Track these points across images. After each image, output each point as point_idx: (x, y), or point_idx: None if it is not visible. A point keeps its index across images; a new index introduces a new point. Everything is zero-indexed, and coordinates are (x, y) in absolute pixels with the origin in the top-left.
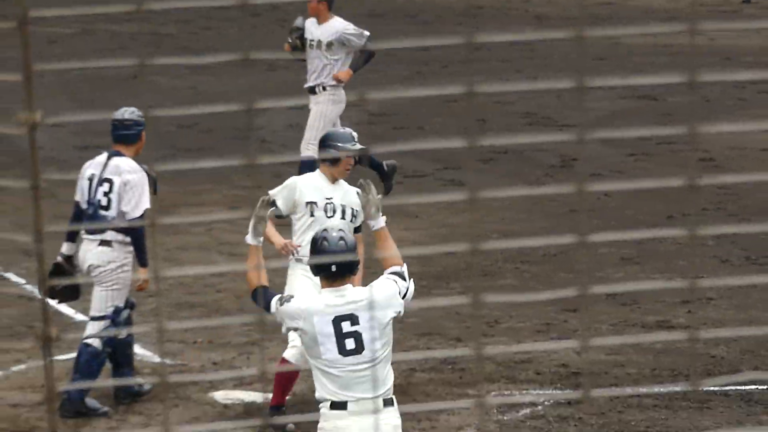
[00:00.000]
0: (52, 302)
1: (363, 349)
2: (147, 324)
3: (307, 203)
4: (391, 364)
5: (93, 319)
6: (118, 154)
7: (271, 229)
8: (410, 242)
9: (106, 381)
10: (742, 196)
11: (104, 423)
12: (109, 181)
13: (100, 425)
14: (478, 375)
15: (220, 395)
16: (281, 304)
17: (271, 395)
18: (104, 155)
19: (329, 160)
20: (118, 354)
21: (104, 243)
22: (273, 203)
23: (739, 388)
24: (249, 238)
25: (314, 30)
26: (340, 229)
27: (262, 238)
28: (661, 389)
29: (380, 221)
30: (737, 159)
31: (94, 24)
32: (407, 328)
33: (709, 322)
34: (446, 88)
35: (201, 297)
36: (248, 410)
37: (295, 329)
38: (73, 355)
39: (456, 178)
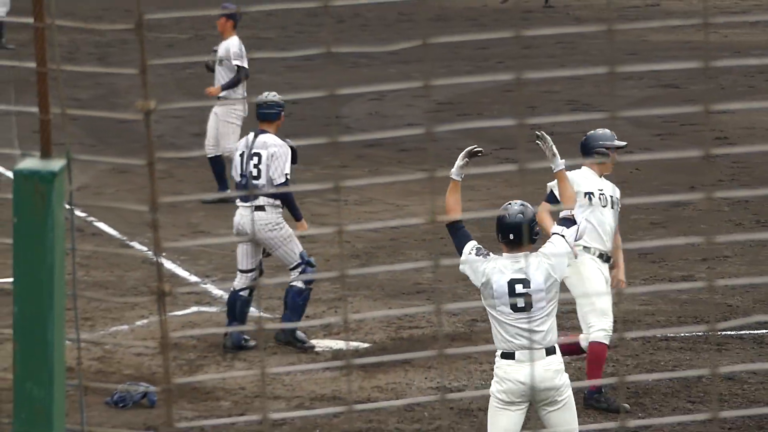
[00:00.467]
0: None
1: (531, 307)
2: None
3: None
4: (456, 315)
5: (291, 269)
6: (263, 132)
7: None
8: (472, 209)
9: (220, 328)
10: (752, 168)
11: (214, 368)
12: (258, 155)
13: (210, 370)
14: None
15: (313, 344)
16: (471, 253)
17: (356, 343)
18: (251, 134)
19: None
20: (237, 309)
21: (258, 208)
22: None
23: (751, 332)
24: (453, 173)
25: (219, 46)
26: (522, 204)
27: (462, 176)
28: (686, 333)
29: (559, 164)
30: (748, 137)
31: (204, 30)
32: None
33: (725, 275)
34: (499, 76)
35: None
36: (336, 356)
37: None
38: (187, 311)
39: (510, 156)
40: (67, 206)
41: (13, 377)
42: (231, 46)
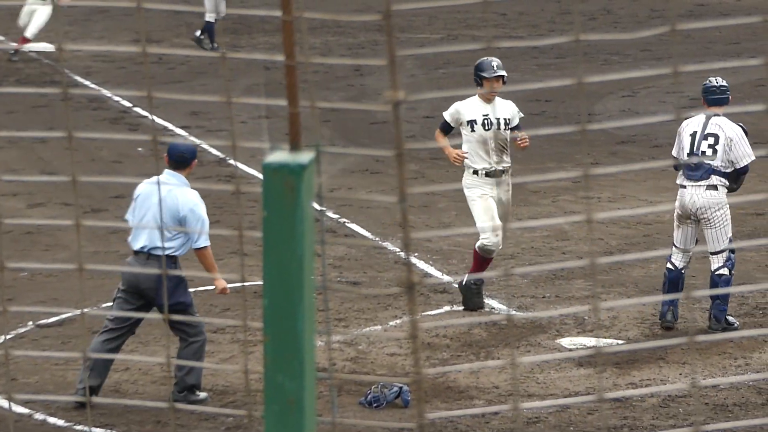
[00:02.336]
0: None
1: None
2: (498, 278)
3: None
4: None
5: (714, 253)
6: (716, 114)
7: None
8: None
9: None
10: None
11: (467, 361)
12: (714, 135)
13: (460, 361)
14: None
15: (566, 341)
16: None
17: (609, 340)
18: (702, 116)
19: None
20: (678, 287)
21: (711, 187)
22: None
23: None
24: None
25: None
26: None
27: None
28: None
29: None
30: None
31: (456, 30)
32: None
33: None
34: (751, 70)
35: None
36: (592, 353)
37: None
38: (440, 311)
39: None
40: (316, 203)
41: (264, 370)
42: None
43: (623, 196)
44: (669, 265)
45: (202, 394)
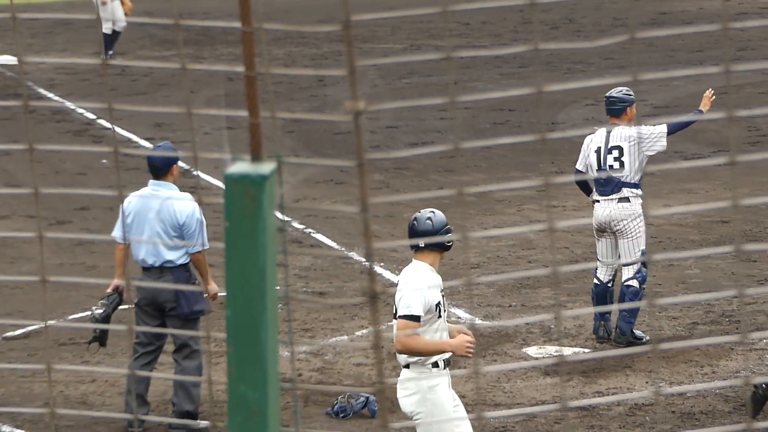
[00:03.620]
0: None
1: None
2: (458, 287)
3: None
4: (677, 318)
5: (625, 265)
6: (616, 125)
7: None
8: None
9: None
10: None
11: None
12: (618, 148)
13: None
14: (749, 325)
15: (532, 350)
16: None
17: (575, 349)
18: (603, 130)
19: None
20: (606, 300)
21: (623, 200)
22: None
23: None
24: None
25: None
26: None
27: None
28: None
29: None
30: None
31: (420, 40)
32: (691, 287)
33: None
34: (712, 78)
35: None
36: (557, 362)
37: None
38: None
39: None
40: (280, 213)
41: (228, 381)
42: None
43: (587, 204)
44: (595, 280)
45: (203, 423)
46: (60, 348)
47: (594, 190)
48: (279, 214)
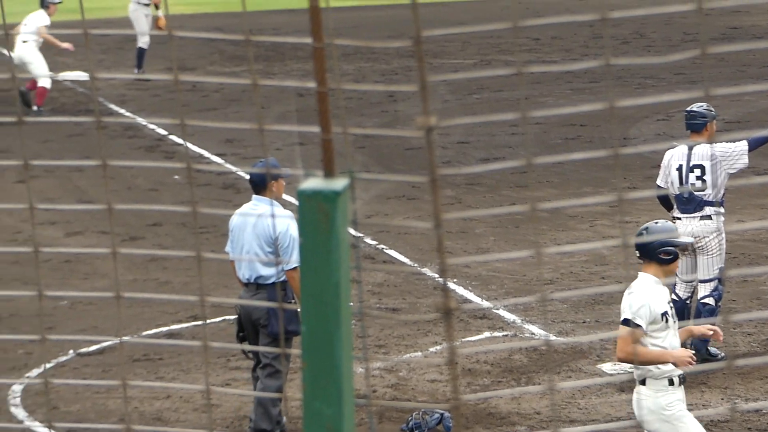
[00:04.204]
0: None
1: None
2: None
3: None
4: (751, 335)
5: (702, 281)
6: (698, 143)
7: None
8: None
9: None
10: None
11: (508, 387)
12: (700, 167)
13: (501, 387)
14: None
15: (607, 366)
16: None
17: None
18: (684, 147)
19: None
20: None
21: (705, 218)
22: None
23: None
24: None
25: None
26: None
27: None
28: None
29: None
30: None
31: (490, 55)
32: (765, 303)
33: None
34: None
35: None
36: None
37: None
38: (480, 336)
39: None
40: (352, 229)
41: (303, 397)
42: None
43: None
44: (673, 296)
45: None
46: (134, 364)
47: (675, 206)
48: (352, 230)
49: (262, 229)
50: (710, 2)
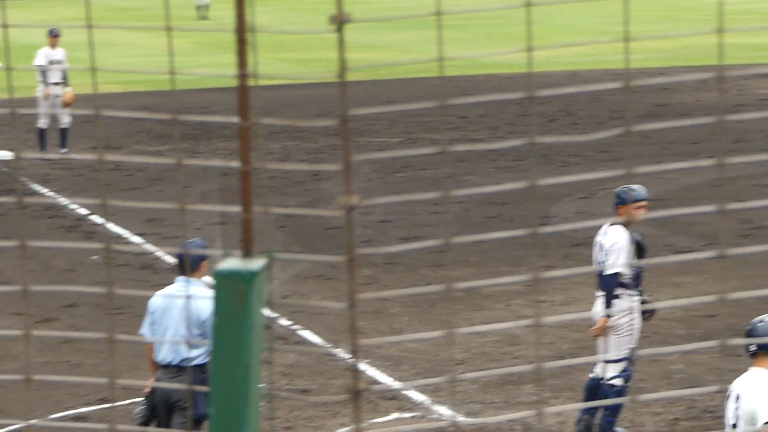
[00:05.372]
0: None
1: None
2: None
3: None
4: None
5: (610, 362)
6: (613, 221)
7: None
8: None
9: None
10: None
11: None
12: (600, 244)
13: None
14: None
15: None
16: None
17: None
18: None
19: None
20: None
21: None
22: None
23: None
24: None
25: None
26: None
27: None
28: None
29: None
30: None
31: (416, 134)
32: (675, 382)
33: None
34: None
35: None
36: None
37: None
38: (388, 418)
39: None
40: (268, 309)
41: None
42: None
43: (575, 299)
44: (591, 374)
45: None
46: None
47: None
48: (267, 311)
49: (193, 312)
50: (637, 80)
